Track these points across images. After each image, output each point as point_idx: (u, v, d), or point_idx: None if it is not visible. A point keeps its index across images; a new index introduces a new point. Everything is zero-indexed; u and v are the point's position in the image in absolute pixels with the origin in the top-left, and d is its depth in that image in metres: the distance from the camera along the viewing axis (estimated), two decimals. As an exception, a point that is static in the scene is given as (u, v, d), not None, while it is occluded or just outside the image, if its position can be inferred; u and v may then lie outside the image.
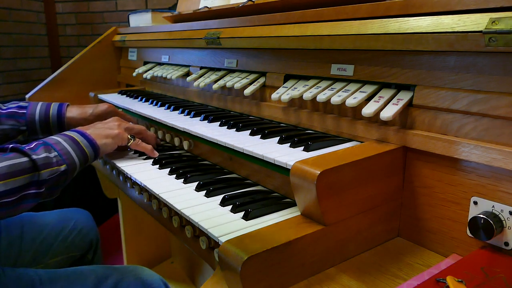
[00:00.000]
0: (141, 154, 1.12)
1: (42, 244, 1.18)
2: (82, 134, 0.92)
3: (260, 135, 0.89)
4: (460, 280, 0.54)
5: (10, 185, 0.74)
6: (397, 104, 0.71)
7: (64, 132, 0.92)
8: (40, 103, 1.15)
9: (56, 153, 0.83)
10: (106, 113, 1.20)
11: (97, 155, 0.94)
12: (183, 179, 0.93)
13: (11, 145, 0.80)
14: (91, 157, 0.92)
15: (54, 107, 1.16)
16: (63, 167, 0.83)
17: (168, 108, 1.25)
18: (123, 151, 1.13)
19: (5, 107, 1.11)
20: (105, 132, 0.98)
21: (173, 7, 1.91)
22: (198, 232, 0.79)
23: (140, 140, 1.06)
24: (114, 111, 1.24)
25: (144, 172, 0.99)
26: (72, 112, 1.18)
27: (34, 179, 0.78)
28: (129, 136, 1.03)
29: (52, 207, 2.20)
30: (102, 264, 1.23)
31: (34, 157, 0.78)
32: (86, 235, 1.28)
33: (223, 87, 1.15)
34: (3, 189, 0.73)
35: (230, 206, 0.77)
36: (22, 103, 1.14)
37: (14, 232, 1.15)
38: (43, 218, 1.23)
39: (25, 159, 0.77)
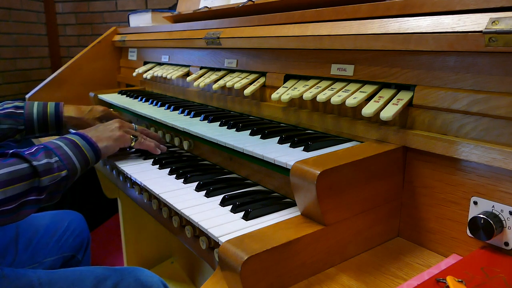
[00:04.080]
0: (141, 154, 1.12)
1: (38, 244, 1.20)
2: (84, 137, 0.91)
3: (260, 135, 0.89)
4: (460, 280, 0.54)
5: (10, 192, 0.74)
6: (397, 104, 0.71)
7: (65, 136, 0.91)
8: (36, 103, 1.16)
9: (57, 158, 0.82)
10: (103, 115, 1.23)
11: (98, 158, 0.93)
12: (183, 179, 0.93)
13: (12, 151, 0.79)
14: (92, 160, 0.91)
15: (51, 106, 1.17)
16: (64, 173, 0.83)
17: (168, 108, 1.25)
18: (123, 151, 1.13)
19: (1, 107, 1.12)
20: (106, 134, 0.97)
21: (173, 7, 1.91)
22: (198, 232, 0.79)
23: (143, 139, 1.05)
24: (110, 113, 1.26)
25: (144, 172, 0.99)
26: (69, 111, 1.19)
27: (35, 185, 0.78)
28: (131, 136, 1.02)
29: (52, 207, 2.21)
30: (98, 266, 1.24)
31: (35, 163, 0.78)
32: (78, 236, 1.31)
33: (223, 87, 1.15)
34: (3, 197, 0.73)
35: (230, 206, 0.77)
36: (17, 103, 1.14)
37: (9, 233, 1.16)
38: (37, 219, 1.25)
39: (25, 165, 0.77)
